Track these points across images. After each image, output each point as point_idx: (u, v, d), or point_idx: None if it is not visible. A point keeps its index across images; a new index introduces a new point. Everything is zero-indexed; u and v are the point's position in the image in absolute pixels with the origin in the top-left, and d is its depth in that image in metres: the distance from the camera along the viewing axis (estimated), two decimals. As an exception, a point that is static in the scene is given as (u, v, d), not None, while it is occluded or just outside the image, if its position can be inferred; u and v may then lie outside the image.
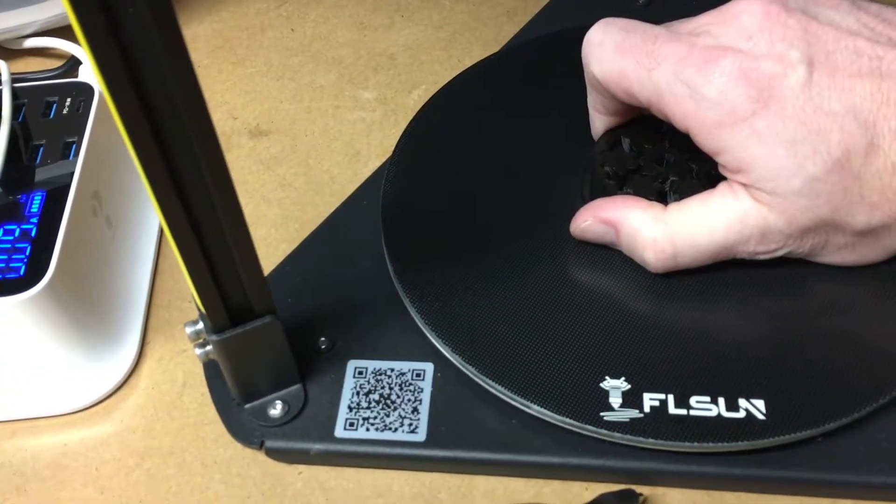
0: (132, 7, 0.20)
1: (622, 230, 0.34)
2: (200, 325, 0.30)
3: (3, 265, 0.33)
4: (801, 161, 0.29)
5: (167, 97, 0.23)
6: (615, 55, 0.32)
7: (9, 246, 0.33)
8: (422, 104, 0.43)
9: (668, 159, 0.36)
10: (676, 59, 0.31)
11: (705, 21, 0.32)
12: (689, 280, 0.34)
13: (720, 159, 0.31)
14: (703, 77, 0.30)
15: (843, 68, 0.29)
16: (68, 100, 0.39)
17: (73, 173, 0.36)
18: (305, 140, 0.45)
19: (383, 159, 0.43)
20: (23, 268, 0.32)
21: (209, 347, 0.31)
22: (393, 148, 0.41)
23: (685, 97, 0.30)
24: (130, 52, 0.21)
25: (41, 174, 0.36)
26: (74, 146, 0.37)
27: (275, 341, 0.31)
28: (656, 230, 0.33)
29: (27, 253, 0.33)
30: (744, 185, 0.31)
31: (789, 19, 0.30)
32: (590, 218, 0.35)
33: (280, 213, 0.42)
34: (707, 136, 0.31)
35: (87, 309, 0.35)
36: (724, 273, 0.34)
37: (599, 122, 0.37)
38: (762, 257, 0.32)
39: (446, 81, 0.44)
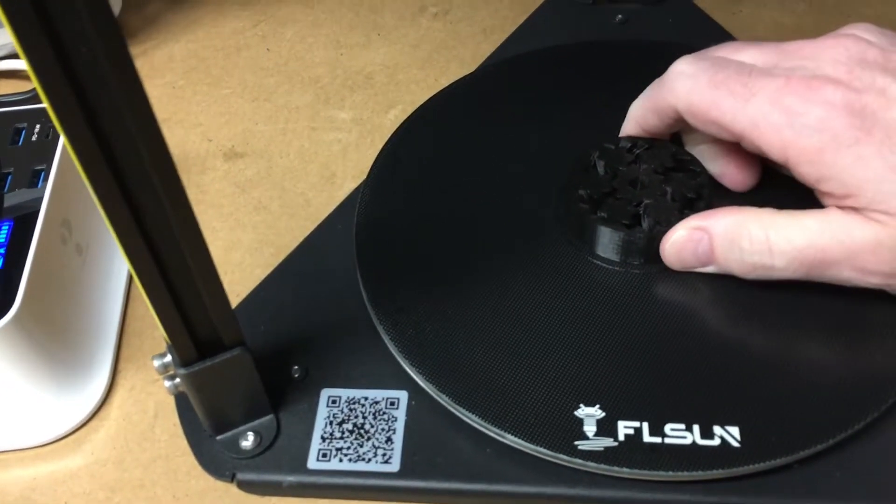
0: (85, 47, 0.20)
1: (717, 229, 0.33)
2: (168, 358, 0.30)
3: (-32, 298, 0.32)
4: None
5: (124, 135, 0.22)
6: (709, 87, 0.32)
7: (-25, 278, 0.33)
8: (398, 124, 0.43)
9: (643, 181, 0.36)
10: (773, 89, 0.30)
11: (800, 53, 0.32)
12: (665, 306, 0.34)
13: (824, 187, 0.30)
14: (804, 105, 0.30)
15: None
16: (37, 126, 0.39)
17: (41, 201, 0.35)
18: (281, 162, 0.45)
19: (359, 181, 0.43)
20: (-12, 300, 0.32)
21: (178, 380, 0.30)
22: (368, 169, 0.40)
23: (783, 127, 0.30)
24: (85, 91, 0.21)
25: (9, 203, 0.36)
26: (43, 174, 0.37)
27: (245, 373, 0.31)
28: (754, 225, 0.32)
29: (-7, 285, 0.32)
30: (854, 208, 0.30)
31: (890, 54, 0.30)
32: (679, 229, 0.34)
33: (255, 238, 0.42)
34: (809, 165, 0.30)
35: (56, 340, 0.34)
36: (700, 298, 0.34)
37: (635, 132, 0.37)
38: (871, 281, 0.31)
39: (423, 101, 0.44)
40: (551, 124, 0.41)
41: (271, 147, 0.46)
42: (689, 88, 0.33)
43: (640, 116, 0.37)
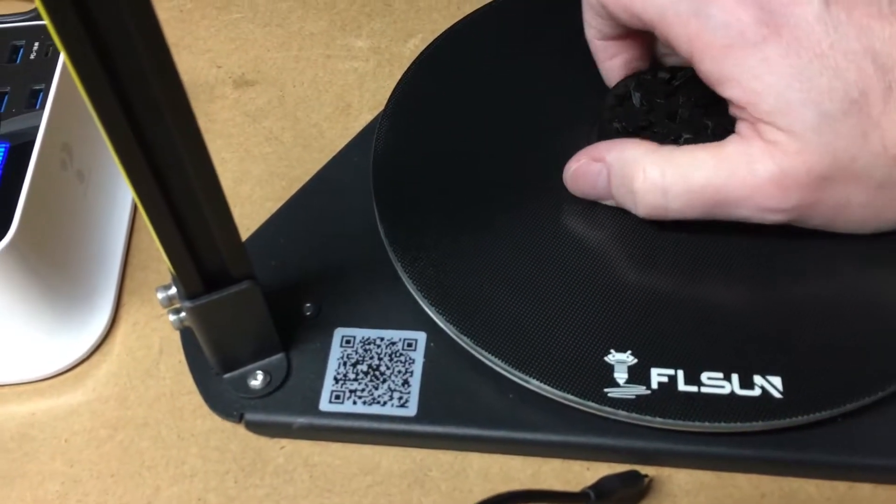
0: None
1: (614, 163, 0.31)
2: (173, 291, 0.28)
3: (-39, 222, 0.30)
4: (817, 96, 0.27)
5: (128, 47, 0.20)
6: None
7: (-32, 202, 0.31)
8: (418, 54, 0.40)
9: (682, 115, 0.33)
10: None
11: None
12: (703, 248, 0.31)
13: (728, 91, 0.28)
14: None
15: (862, 7, 0.27)
16: (36, 44, 0.36)
17: (39, 123, 0.33)
18: (293, 91, 0.43)
19: (376, 113, 0.40)
20: (-17, 226, 0.30)
21: (183, 314, 0.29)
22: (386, 101, 0.38)
23: (690, 16, 0.28)
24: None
25: (6, 124, 0.33)
26: (42, 94, 0.34)
27: (254, 308, 0.29)
28: (649, 162, 0.30)
29: (-12, 209, 0.30)
30: (755, 125, 0.28)
31: None
32: (583, 157, 0.32)
33: (266, 169, 0.39)
34: (713, 62, 0.28)
35: (55, 269, 0.32)
36: (741, 242, 0.31)
37: (602, 52, 0.35)
38: (770, 218, 0.29)
39: (444, 29, 0.41)
40: (582, 55, 0.38)
41: (284, 75, 0.43)
42: None
43: (589, 25, 0.35)
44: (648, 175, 0.30)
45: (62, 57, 0.36)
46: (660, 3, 0.29)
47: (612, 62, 0.35)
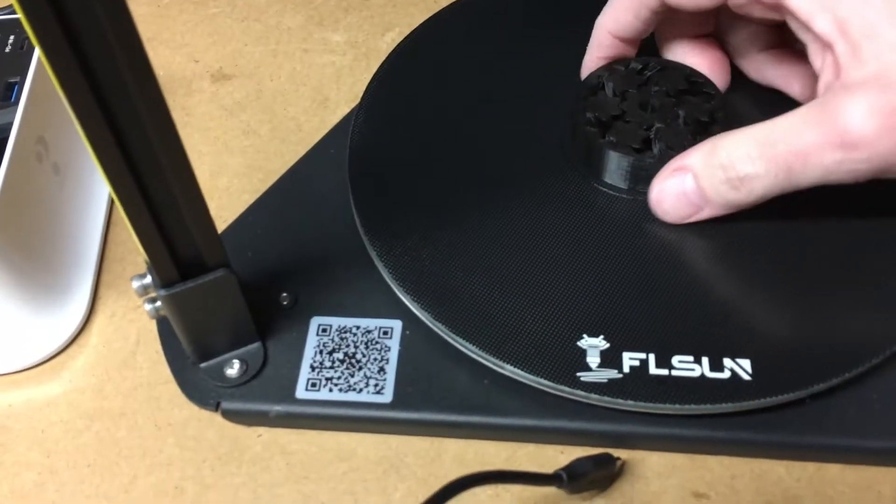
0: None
1: (694, 161, 0.30)
2: (148, 279, 0.28)
3: (-65, 214, 0.30)
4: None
5: (103, 47, 0.20)
6: None
7: (-58, 193, 0.31)
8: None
9: (654, 104, 0.34)
10: None
11: None
12: (674, 235, 0.32)
13: (817, 23, 0.28)
14: None
15: None
16: (11, 37, 0.36)
17: (14, 116, 0.33)
18: (271, 85, 0.43)
19: (353, 106, 0.41)
20: (-42, 217, 0.30)
21: (159, 303, 0.29)
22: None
23: None
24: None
25: (-20, 117, 0.34)
26: (17, 87, 0.34)
27: (229, 296, 0.29)
28: (730, 142, 0.30)
29: (-37, 201, 0.30)
30: (840, 70, 0.28)
31: None
32: (661, 177, 0.32)
33: (243, 162, 0.40)
34: None
35: (31, 261, 0.32)
36: (711, 227, 0.32)
37: (606, 49, 0.36)
38: (848, 168, 0.28)
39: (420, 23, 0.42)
40: (556, 48, 0.39)
41: (261, 69, 0.44)
42: None
43: (613, 26, 0.35)
44: (731, 148, 0.30)
45: (38, 51, 0.36)
46: None
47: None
